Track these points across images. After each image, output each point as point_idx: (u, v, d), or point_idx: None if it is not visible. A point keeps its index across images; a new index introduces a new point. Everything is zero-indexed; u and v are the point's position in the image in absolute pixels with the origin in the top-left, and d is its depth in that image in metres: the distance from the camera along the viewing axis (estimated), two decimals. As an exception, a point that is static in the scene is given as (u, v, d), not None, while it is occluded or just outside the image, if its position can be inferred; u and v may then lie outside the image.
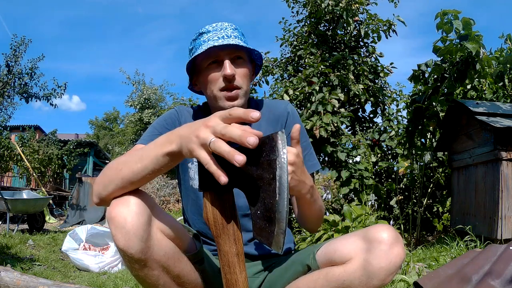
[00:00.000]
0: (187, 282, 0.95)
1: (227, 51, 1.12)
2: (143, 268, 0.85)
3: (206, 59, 1.14)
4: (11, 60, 9.39)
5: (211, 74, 1.14)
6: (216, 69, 1.13)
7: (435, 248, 3.43)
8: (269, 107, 1.26)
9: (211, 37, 1.13)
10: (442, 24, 3.79)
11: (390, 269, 0.88)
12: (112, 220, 0.82)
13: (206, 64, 1.14)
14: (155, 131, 1.17)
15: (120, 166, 0.87)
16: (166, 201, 10.27)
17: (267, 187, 0.68)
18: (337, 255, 0.96)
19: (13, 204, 4.94)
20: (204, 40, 1.13)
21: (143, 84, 17.02)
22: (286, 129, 1.22)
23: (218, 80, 1.13)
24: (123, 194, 0.86)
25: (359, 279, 0.90)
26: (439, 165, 5.11)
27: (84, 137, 25.82)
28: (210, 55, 1.13)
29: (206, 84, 1.16)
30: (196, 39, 1.17)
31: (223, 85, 1.13)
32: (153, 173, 0.84)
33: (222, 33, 1.13)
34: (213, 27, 1.15)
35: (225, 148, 0.67)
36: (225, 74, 1.10)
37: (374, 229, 0.93)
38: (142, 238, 0.82)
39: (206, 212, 0.78)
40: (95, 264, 3.24)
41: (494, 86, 4.97)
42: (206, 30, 1.15)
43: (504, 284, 1.55)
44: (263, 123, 1.22)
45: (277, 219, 0.67)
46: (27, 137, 11.41)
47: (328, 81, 4.91)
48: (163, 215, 0.92)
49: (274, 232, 0.68)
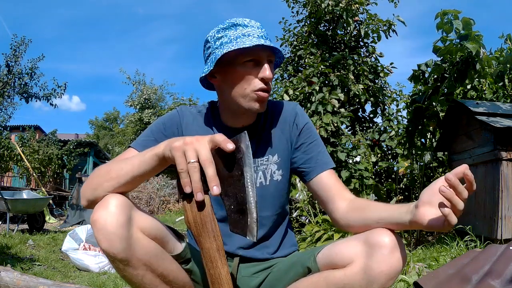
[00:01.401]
0: (173, 281, 0.97)
1: (268, 52, 1.08)
2: (127, 267, 0.89)
3: (244, 55, 1.05)
4: (11, 60, 9.40)
5: (247, 73, 1.07)
6: (253, 68, 1.07)
7: (435, 248, 3.43)
8: (278, 109, 1.24)
9: (251, 32, 1.06)
10: (442, 24, 3.80)
11: (390, 273, 0.88)
12: (94, 223, 0.87)
13: (243, 61, 1.06)
14: (150, 136, 1.14)
15: (109, 170, 0.94)
16: (166, 201, 10.27)
17: (237, 183, 0.79)
18: (337, 258, 0.96)
19: (13, 204, 4.94)
20: (244, 34, 1.05)
21: (143, 84, 17.04)
22: (293, 128, 1.20)
23: (254, 80, 1.07)
24: (104, 198, 0.90)
25: (359, 283, 0.90)
26: (439, 165, 5.11)
27: (84, 137, 25.82)
28: (250, 53, 1.05)
29: (238, 81, 1.08)
30: (228, 29, 1.08)
31: (260, 86, 1.07)
32: (140, 175, 0.91)
33: (261, 32, 1.07)
34: (248, 22, 1.08)
35: (195, 179, 0.80)
36: (266, 77, 1.06)
37: (375, 233, 0.93)
38: (123, 237, 0.86)
39: (186, 216, 0.84)
40: (95, 264, 3.24)
41: (494, 86, 4.97)
42: (242, 23, 1.08)
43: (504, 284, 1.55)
44: (276, 128, 1.21)
45: (248, 210, 0.77)
46: (27, 137, 11.41)
47: (328, 81, 4.91)
48: (143, 216, 0.94)
49: (247, 222, 0.78)
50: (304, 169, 1.18)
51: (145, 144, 1.08)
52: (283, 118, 1.21)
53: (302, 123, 1.21)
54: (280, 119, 1.21)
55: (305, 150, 1.19)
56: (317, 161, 1.17)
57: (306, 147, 1.19)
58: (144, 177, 0.92)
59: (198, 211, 0.82)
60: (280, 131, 1.20)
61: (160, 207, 9.94)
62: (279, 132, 1.20)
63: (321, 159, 1.17)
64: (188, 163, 0.81)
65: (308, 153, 1.18)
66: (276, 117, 1.22)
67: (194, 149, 0.81)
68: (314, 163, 1.17)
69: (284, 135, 1.20)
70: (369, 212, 0.99)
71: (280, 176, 1.18)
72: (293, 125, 1.20)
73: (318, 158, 1.17)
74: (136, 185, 0.95)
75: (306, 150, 1.18)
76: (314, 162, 1.17)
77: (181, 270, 1.01)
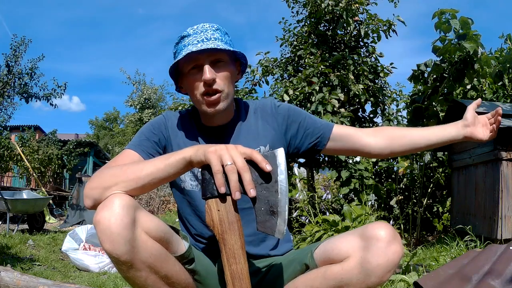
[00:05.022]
0: (176, 282, 0.96)
1: (206, 54, 1.10)
2: (130, 269, 0.87)
3: (187, 64, 1.13)
4: (11, 60, 9.38)
5: (192, 79, 1.13)
6: (197, 74, 1.12)
7: (435, 248, 3.43)
8: (257, 104, 1.29)
9: (191, 41, 1.12)
10: (440, 24, 3.80)
11: (387, 266, 0.89)
12: (98, 224, 0.85)
13: (187, 70, 1.14)
14: (142, 136, 1.18)
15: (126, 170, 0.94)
16: (166, 201, 10.27)
17: (271, 188, 0.88)
18: (334, 253, 0.97)
19: (13, 204, 4.94)
20: (185, 45, 1.13)
21: (144, 84, 17.04)
22: (278, 116, 1.24)
23: (199, 85, 1.12)
24: (107, 199, 0.89)
25: (357, 277, 0.91)
26: (439, 165, 5.11)
27: (84, 137, 25.76)
28: (190, 60, 1.12)
29: (190, 89, 1.16)
30: (179, 43, 1.16)
31: (203, 90, 1.12)
32: (165, 177, 0.93)
33: (202, 36, 1.12)
34: (194, 29, 1.14)
35: (235, 179, 0.84)
36: (204, 79, 1.09)
37: (371, 226, 0.94)
38: (127, 239, 0.85)
39: (211, 215, 0.87)
40: (95, 264, 3.24)
41: (494, 86, 4.97)
42: (187, 34, 1.14)
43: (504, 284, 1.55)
44: (259, 120, 1.25)
45: (279, 212, 0.86)
46: (27, 137, 11.40)
47: (328, 81, 4.91)
48: (148, 217, 0.93)
49: (277, 222, 0.86)
50: (314, 141, 1.25)
51: (140, 143, 1.15)
52: (264, 111, 1.26)
53: (285, 109, 1.25)
54: (262, 112, 1.26)
55: (303, 129, 1.24)
56: (320, 128, 1.24)
57: (302, 125, 1.24)
58: (166, 180, 0.94)
59: (231, 210, 0.87)
60: (264, 122, 1.24)
61: (160, 207, 9.94)
62: (264, 123, 1.24)
63: (322, 125, 1.25)
64: (226, 166, 0.84)
65: (308, 128, 1.24)
66: (256, 111, 1.26)
67: (230, 155, 0.85)
68: (318, 130, 1.24)
69: (270, 125, 1.23)
70: (413, 138, 1.24)
71: None
72: (277, 114, 1.25)
73: (319, 126, 1.25)
74: (154, 188, 0.96)
75: (304, 127, 1.24)
76: (318, 130, 1.24)
77: (184, 271, 1.00)
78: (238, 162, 0.85)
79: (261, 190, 0.88)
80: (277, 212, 0.87)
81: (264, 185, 0.89)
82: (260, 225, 0.89)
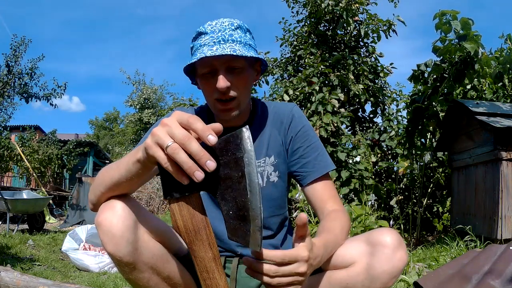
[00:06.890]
0: (178, 283, 0.96)
1: (222, 60, 1.01)
2: (133, 270, 0.87)
3: (201, 68, 1.05)
4: (11, 60, 9.38)
5: (207, 83, 1.06)
6: (211, 79, 1.04)
7: (435, 248, 3.43)
8: (275, 110, 1.21)
9: (207, 41, 1.02)
10: (441, 24, 3.80)
11: (393, 272, 0.89)
12: (100, 225, 0.84)
13: (201, 73, 1.06)
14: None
15: (104, 173, 0.90)
16: (166, 201, 10.26)
17: (237, 185, 0.68)
18: (340, 259, 0.96)
19: (13, 204, 4.93)
20: (201, 44, 1.04)
21: (143, 84, 17.05)
22: (289, 131, 1.17)
23: (213, 90, 1.05)
24: (109, 200, 0.88)
25: (362, 283, 0.91)
26: (439, 165, 5.11)
27: (84, 137, 25.80)
28: (204, 64, 1.03)
29: (204, 91, 1.10)
30: (196, 38, 1.08)
31: (216, 97, 1.05)
32: (127, 180, 0.82)
33: (219, 37, 1.02)
34: (212, 26, 1.04)
35: (183, 158, 0.66)
36: (218, 87, 1.02)
37: (377, 233, 0.93)
38: (129, 240, 0.84)
39: (175, 220, 0.73)
40: (95, 264, 3.24)
41: (494, 86, 4.97)
42: (204, 30, 1.05)
43: (504, 284, 1.55)
44: (272, 129, 1.18)
45: (251, 217, 0.67)
46: (27, 137, 11.39)
47: (328, 81, 4.92)
48: (150, 218, 0.93)
49: (249, 230, 0.68)
50: (300, 173, 1.16)
51: None
52: (280, 120, 1.18)
53: (298, 127, 1.17)
54: (277, 120, 1.19)
55: (302, 154, 1.16)
56: (314, 166, 1.14)
57: (303, 151, 1.16)
58: (132, 182, 0.84)
59: (196, 214, 0.71)
60: (276, 132, 1.18)
61: (160, 207, 9.94)
62: (276, 133, 1.18)
63: (319, 163, 1.15)
64: (166, 149, 0.67)
65: (305, 157, 1.15)
66: (272, 118, 1.19)
67: (166, 133, 0.69)
68: (311, 167, 1.15)
69: (280, 137, 1.17)
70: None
71: (276, 177, 1.17)
72: (289, 128, 1.17)
73: (315, 163, 1.15)
74: (127, 191, 0.89)
75: (303, 154, 1.16)
76: (311, 167, 1.15)
77: (185, 272, 0.99)
78: (177, 134, 0.67)
79: (227, 188, 0.70)
80: (248, 216, 0.68)
81: (230, 180, 0.69)
82: (231, 232, 0.71)
